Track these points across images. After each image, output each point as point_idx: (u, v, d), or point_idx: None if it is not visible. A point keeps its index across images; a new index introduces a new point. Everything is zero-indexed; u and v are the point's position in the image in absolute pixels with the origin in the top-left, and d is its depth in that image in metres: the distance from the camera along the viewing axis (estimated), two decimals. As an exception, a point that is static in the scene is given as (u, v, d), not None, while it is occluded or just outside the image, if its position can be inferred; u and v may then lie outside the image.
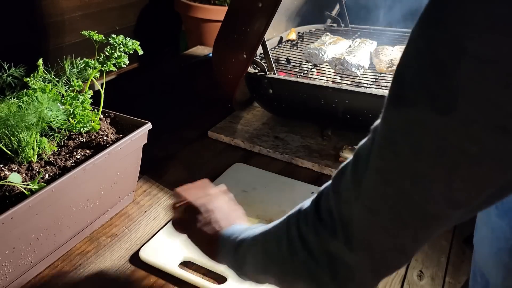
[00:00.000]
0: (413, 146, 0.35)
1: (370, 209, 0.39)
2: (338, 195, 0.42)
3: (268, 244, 0.50)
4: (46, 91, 0.76)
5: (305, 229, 0.45)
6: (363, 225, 0.40)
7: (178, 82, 1.52)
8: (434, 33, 0.32)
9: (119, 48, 0.81)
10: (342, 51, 1.21)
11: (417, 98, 0.34)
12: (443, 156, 0.33)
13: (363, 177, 0.39)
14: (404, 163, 0.36)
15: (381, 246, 0.40)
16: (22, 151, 0.73)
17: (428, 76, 0.33)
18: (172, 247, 0.78)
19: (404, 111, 0.35)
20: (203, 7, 2.07)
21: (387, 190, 0.38)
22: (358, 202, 0.40)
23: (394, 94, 0.37)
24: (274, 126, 1.19)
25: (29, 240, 0.68)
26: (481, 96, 0.30)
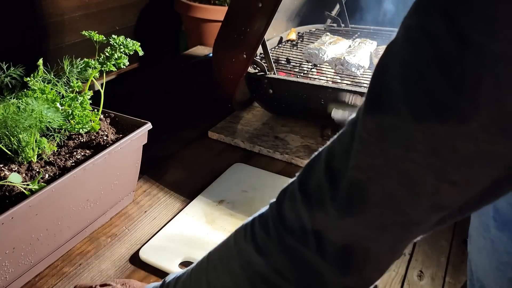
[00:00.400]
0: (403, 146, 0.32)
1: (347, 212, 0.36)
2: (308, 196, 0.38)
3: (219, 273, 0.45)
4: (46, 91, 0.76)
5: (265, 239, 0.40)
6: (338, 229, 0.36)
7: (178, 82, 1.52)
8: (439, 24, 0.29)
9: (119, 49, 0.81)
10: (342, 51, 1.21)
11: (411, 101, 0.31)
12: (433, 156, 0.31)
13: (341, 176, 0.36)
14: (391, 163, 0.33)
15: (357, 253, 0.37)
16: (22, 151, 0.73)
17: (428, 75, 0.30)
18: (172, 247, 0.78)
19: (396, 113, 0.32)
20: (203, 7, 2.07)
21: (371, 191, 0.34)
22: (335, 204, 0.36)
23: (379, 93, 0.33)
24: (274, 126, 1.19)
25: (29, 240, 0.68)
26: (497, 99, 0.28)
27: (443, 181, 0.32)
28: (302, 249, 0.38)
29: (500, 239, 0.53)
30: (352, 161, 0.35)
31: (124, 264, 0.76)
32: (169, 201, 0.92)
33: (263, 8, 0.96)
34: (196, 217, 0.86)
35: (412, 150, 0.32)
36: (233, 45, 1.06)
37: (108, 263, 0.76)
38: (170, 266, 0.74)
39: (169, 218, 0.87)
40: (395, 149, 0.32)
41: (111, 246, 0.80)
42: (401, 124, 0.31)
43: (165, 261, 0.75)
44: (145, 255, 0.76)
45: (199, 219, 0.85)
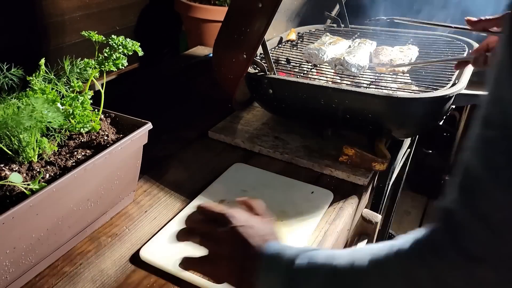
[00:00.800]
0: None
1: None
2: (486, 220, 0.35)
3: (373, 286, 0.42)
4: (46, 91, 0.76)
5: (445, 269, 0.38)
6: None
7: (178, 82, 1.52)
8: None
9: (118, 49, 0.81)
10: (342, 51, 1.21)
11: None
12: None
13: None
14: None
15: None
16: (23, 151, 0.73)
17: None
18: (172, 247, 0.78)
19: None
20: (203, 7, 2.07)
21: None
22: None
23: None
24: (274, 126, 1.19)
25: (30, 240, 0.68)
26: None
27: None
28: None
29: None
30: None
31: (124, 264, 0.77)
32: (169, 201, 0.93)
33: (263, 8, 0.97)
34: (196, 217, 0.86)
35: None
36: (233, 45, 1.06)
37: (109, 263, 0.77)
38: (170, 266, 0.74)
39: (169, 218, 0.87)
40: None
41: (112, 246, 0.80)
42: None
43: (166, 261, 0.75)
44: (146, 255, 0.76)
45: (199, 219, 0.85)
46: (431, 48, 1.27)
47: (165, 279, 0.74)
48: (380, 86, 1.09)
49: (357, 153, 1.01)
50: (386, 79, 1.13)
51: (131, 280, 0.74)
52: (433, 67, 1.17)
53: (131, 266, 0.76)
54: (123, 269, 0.76)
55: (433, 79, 1.09)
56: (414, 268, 0.39)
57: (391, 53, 1.18)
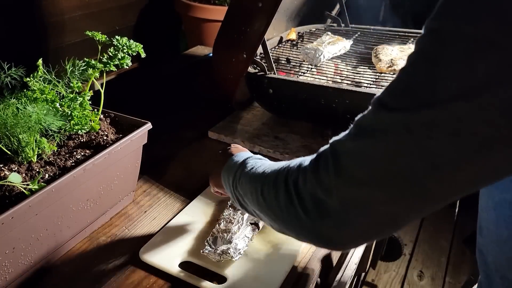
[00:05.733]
0: (427, 126, 0.38)
1: (371, 178, 0.42)
2: (336, 158, 0.45)
3: (266, 188, 0.55)
4: (45, 92, 0.76)
5: (303, 187, 0.48)
6: (361, 191, 0.43)
7: (178, 82, 1.52)
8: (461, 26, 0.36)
9: (122, 49, 0.81)
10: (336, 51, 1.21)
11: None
12: (456, 137, 0.37)
13: (368, 145, 0.42)
14: (416, 142, 0.39)
15: (376, 214, 0.43)
16: (22, 151, 0.73)
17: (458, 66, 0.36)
18: (172, 248, 0.78)
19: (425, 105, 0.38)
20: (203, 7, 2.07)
21: (396, 165, 0.40)
22: (360, 169, 0.42)
23: (409, 83, 0.40)
24: (274, 126, 1.19)
25: (29, 240, 0.68)
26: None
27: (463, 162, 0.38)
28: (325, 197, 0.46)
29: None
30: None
31: (124, 264, 0.76)
32: (169, 201, 0.92)
33: (263, 8, 0.96)
34: (196, 217, 0.86)
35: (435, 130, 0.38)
36: (233, 45, 1.06)
37: (108, 263, 0.76)
38: (170, 266, 0.74)
39: (169, 218, 0.87)
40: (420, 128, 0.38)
41: (111, 246, 0.80)
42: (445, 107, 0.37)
43: (165, 261, 0.75)
44: (145, 255, 0.76)
45: (199, 219, 0.85)
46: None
47: (164, 280, 0.73)
48: (381, 86, 1.09)
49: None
50: (386, 78, 1.12)
51: (131, 280, 0.73)
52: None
53: (130, 267, 0.76)
54: (122, 269, 0.75)
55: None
56: (289, 179, 0.52)
57: (392, 53, 1.18)
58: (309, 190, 0.47)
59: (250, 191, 0.59)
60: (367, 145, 0.42)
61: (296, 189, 0.49)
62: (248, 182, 0.60)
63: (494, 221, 0.59)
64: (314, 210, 0.47)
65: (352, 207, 0.44)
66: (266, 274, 0.74)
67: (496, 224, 0.59)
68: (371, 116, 0.43)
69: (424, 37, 0.39)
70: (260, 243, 0.80)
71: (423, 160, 0.39)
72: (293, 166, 0.53)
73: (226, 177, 0.67)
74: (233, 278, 0.72)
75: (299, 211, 0.48)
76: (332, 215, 0.45)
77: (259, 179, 0.58)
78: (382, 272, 1.77)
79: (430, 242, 1.84)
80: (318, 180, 0.46)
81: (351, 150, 0.44)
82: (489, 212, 0.60)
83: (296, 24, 1.46)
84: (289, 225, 0.52)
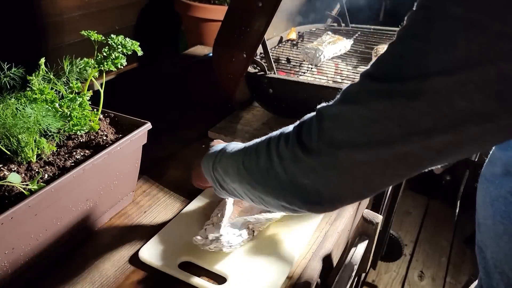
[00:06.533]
0: (408, 97, 0.41)
1: (351, 141, 0.45)
2: (320, 122, 0.48)
3: (247, 157, 0.58)
4: (45, 92, 0.75)
5: (284, 148, 0.52)
6: (341, 153, 0.46)
7: (178, 82, 1.52)
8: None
9: (117, 48, 0.80)
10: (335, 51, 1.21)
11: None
12: (433, 108, 0.40)
13: (350, 110, 0.45)
14: (396, 109, 0.42)
15: (351, 170, 0.46)
16: (21, 151, 0.72)
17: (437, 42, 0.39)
18: (171, 248, 0.78)
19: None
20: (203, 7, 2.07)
21: (372, 130, 0.43)
22: (341, 132, 0.45)
23: (395, 59, 0.43)
24: (274, 126, 1.19)
25: (29, 241, 0.68)
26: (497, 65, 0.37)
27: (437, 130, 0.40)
28: (306, 158, 0.49)
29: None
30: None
31: (123, 264, 0.76)
32: (169, 201, 0.92)
33: (263, 8, 0.96)
34: (196, 217, 0.85)
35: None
36: (233, 44, 1.06)
37: (108, 264, 0.76)
38: (169, 266, 0.74)
39: (169, 218, 0.86)
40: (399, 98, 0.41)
41: (111, 246, 0.80)
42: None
43: (165, 261, 0.75)
44: (145, 256, 0.76)
45: (199, 219, 0.85)
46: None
47: (164, 280, 0.73)
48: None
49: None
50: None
51: (130, 281, 0.73)
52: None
53: (130, 267, 0.76)
54: (122, 270, 0.75)
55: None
56: (271, 144, 0.55)
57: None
58: (289, 150, 0.51)
59: (232, 165, 0.61)
60: (349, 109, 0.45)
61: (277, 151, 0.52)
62: (229, 158, 0.63)
63: (491, 216, 0.59)
64: (295, 168, 0.50)
65: (330, 168, 0.47)
66: (266, 274, 0.73)
67: (493, 219, 0.59)
68: (357, 85, 0.47)
69: (414, 13, 0.42)
70: (260, 243, 0.80)
71: (400, 127, 0.42)
72: (275, 134, 0.57)
73: (206, 164, 0.69)
74: (233, 278, 0.72)
75: (279, 171, 0.52)
76: (310, 174, 0.49)
77: (240, 152, 0.61)
78: (382, 273, 1.77)
79: (431, 242, 1.84)
80: (300, 141, 0.50)
81: (334, 114, 0.47)
82: (486, 208, 0.60)
83: (296, 24, 1.46)
84: (270, 187, 0.54)
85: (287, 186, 0.52)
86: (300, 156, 0.49)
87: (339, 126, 0.46)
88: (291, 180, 0.51)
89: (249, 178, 0.58)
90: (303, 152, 0.49)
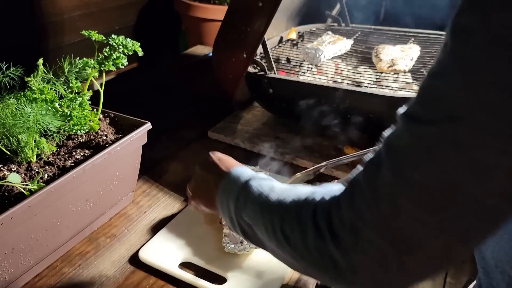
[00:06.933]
0: (475, 134, 0.33)
1: (420, 206, 0.37)
2: (374, 192, 0.39)
3: (288, 225, 0.47)
4: (44, 92, 0.75)
5: (339, 224, 0.42)
6: (409, 222, 0.37)
7: (177, 82, 1.52)
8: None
9: (118, 49, 0.80)
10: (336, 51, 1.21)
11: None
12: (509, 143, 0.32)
13: (409, 170, 0.37)
14: (464, 154, 0.34)
15: (427, 246, 0.38)
16: (21, 151, 0.72)
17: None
18: (171, 248, 0.78)
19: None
20: (203, 7, 2.07)
21: (446, 186, 0.35)
22: (405, 199, 0.37)
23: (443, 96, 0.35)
24: (274, 126, 1.19)
25: (29, 241, 0.68)
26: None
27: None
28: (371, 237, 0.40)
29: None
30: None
31: (123, 264, 0.76)
32: (168, 201, 0.92)
33: (263, 8, 0.96)
34: (195, 217, 0.85)
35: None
36: (233, 44, 1.06)
37: (108, 264, 0.76)
38: (169, 266, 0.74)
39: (168, 218, 0.86)
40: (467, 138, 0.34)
41: (111, 246, 0.80)
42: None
43: (165, 261, 0.75)
44: (145, 256, 0.76)
45: (198, 220, 0.85)
46: (432, 48, 1.27)
47: (164, 280, 0.73)
48: (381, 86, 1.09)
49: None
50: (387, 78, 1.12)
51: (130, 281, 0.73)
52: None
53: (130, 267, 0.76)
54: (122, 270, 0.75)
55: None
56: (318, 218, 0.44)
57: (392, 52, 1.17)
58: (347, 227, 0.41)
59: (265, 225, 0.51)
60: (408, 168, 0.37)
61: (329, 227, 0.43)
62: (259, 213, 0.52)
63: None
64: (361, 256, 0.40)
65: (400, 243, 0.38)
66: (266, 274, 0.73)
67: None
68: (403, 133, 0.38)
69: (452, 37, 0.35)
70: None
71: (475, 175, 0.34)
72: (320, 199, 0.46)
73: (224, 201, 0.58)
74: (233, 279, 0.72)
75: (335, 253, 0.42)
76: (382, 261, 0.39)
77: (275, 211, 0.50)
78: (382, 272, 1.77)
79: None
80: (358, 215, 0.40)
81: (389, 179, 0.38)
82: None
83: (296, 24, 1.46)
84: (320, 267, 0.45)
85: (342, 267, 0.42)
86: (366, 235, 0.40)
87: (401, 193, 0.38)
88: (351, 267, 0.41)
89: (292, 250, 0.47)
90: (367, 228, 0.40)
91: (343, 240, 0.41)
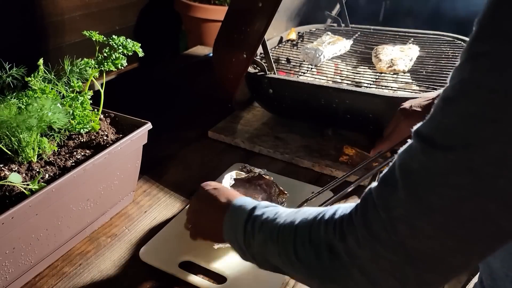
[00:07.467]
0: (495, 164, 0.33)
1: (438, 228, 0.37)
2: (389, 212, 0.40)
3: (301, 248, 0.48)
4: (46, 91, 0.76)
5: (354, 244, 0.42)
6: (426, 243, 0.38)
7: (178, 82, 1.52)
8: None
9: (118, 49, 0.80)
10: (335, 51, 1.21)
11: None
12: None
13: (425, 194, 0.37)
14: (487, 182, 0.34)
15: (445, 263, 0.39)
16: (22, 151, 0.72)
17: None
18: (172, 248, 0.78)
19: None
20: (203, 7, 2.07)
21: (464, 210, 0.36)
22: (422, 221, 0.38)
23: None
24: (274, 126, 1.19)
25: (29, 240, 0.68)
26: None
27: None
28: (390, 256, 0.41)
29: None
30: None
31: (124, 264, 0.76)
32: (169, 201, 0.92)
33: (263, 8, 0.96)
34: (196, 217, 0.86)
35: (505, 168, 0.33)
36: (233, 44, 1.06)
37: (108, 263, 0.76)
38: (170, 266, 0.74)
39: (169, 218, 0.87)
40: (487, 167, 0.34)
41: (111, 246, 0.80)
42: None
43: (165, 261, 0.75)
44: (145, 255, 0.76)
45: (199, 219, 0.85)
46: (431, 48, 1.27)
47: (164, 280, 0.73)
48: (381, 86, 1.09)
49: (357, 153, 1.01)
50: (386, 78, 1.12)
51: (131, 281, 0.73)
52: (433, 67, 1.16)
53: (130, 267, 0.76)
54: (122, 269, 0.75)
55: (434, 79, 1.09)
56: (331, 236, 0.45)
57: (392, 53, 1.18)
58: (362, 245, 0.42)
59: (277, 251, 0.51)
60: (425, 191, 0.37)
61: (345, 246, 0.43)
62: (269, 240, 0.52)
63: None
64: (376, 266, 0.41)
65: (417, 261, 0.39)
66: (267, 274, 0.73)
67: None
68: (418, 156, 0.38)
69: (470, 63, 0.35)
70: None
71: (494, 201, 0.34)
72: (328, 217, 0.47)
73: (232, 234, 0.58)
74: (233, 278, 0.72)
75: (352, 270, 0.42)
76: (396, 272, 0.41)
77: (285, 236, 0.51)
78: (382, 272, 1.77)
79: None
80: (372, 233, 0.41)
81: (404, 201, 0.38)
82: None
83: (296, 24, 1.46)
84: (338, 285, 0.45)
85: (361, 283, 0.43)
86: (382, 253, 0.40)
87: (417, 218, 0.38)
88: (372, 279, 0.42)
89: (308, 272, 0.48)
90: (383, 246, 0.40)
91: (360, 257, 0.42)
